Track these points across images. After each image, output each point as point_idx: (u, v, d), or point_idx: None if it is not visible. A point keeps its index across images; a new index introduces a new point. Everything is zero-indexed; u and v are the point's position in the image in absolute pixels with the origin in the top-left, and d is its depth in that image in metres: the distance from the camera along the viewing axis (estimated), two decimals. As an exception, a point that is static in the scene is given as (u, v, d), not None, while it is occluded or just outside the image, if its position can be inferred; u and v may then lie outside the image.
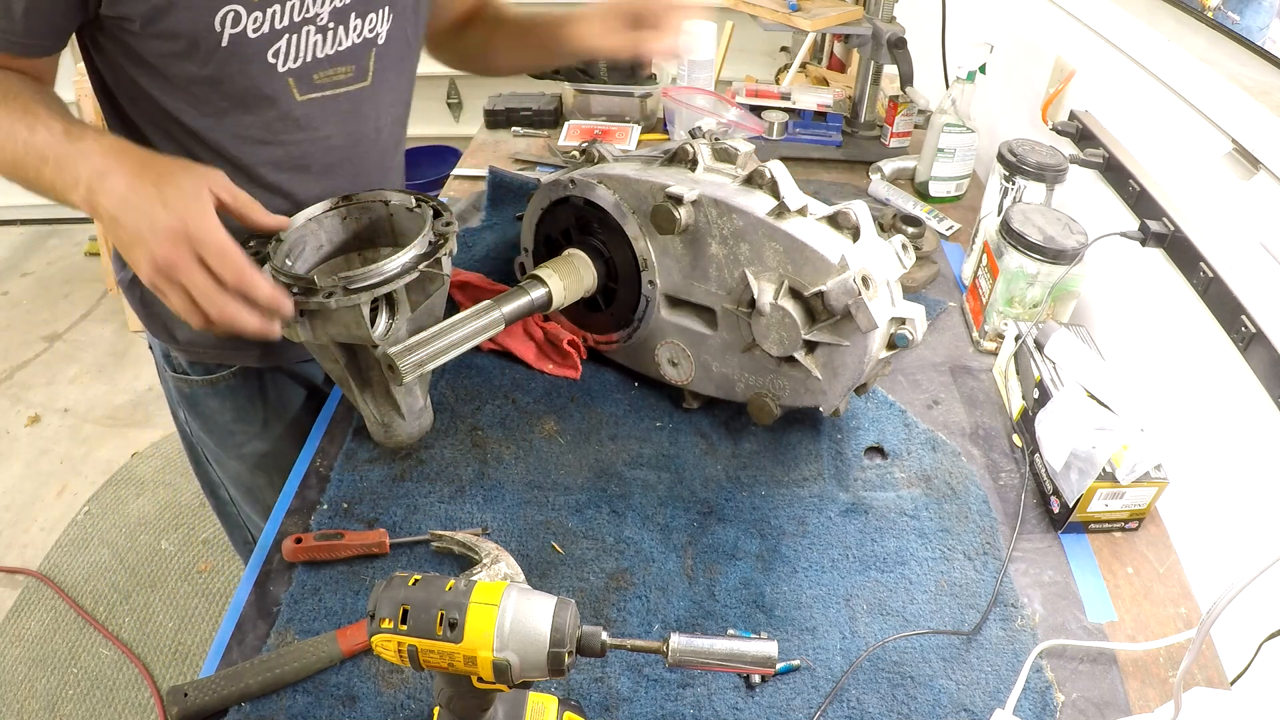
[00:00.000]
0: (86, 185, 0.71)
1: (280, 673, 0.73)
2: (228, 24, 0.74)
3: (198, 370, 1.05)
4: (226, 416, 1.09)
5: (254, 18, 0.75)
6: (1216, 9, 0.95)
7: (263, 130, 0.84)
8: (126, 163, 0.72)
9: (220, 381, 1.05)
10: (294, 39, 0.79)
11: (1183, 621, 0.81)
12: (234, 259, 0.70)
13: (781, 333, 0.86)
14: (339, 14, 0.82)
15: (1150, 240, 0.96)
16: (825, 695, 0.74)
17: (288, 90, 0.82)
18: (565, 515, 0.89)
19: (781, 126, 1.57)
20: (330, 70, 0.84)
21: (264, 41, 0.77)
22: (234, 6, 0.74)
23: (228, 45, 0.76)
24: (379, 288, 0.79)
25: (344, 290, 0.78)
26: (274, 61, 0.79)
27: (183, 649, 1.93)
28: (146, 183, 0.71)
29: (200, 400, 1.08)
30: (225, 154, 0.84)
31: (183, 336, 1.02)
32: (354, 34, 0.84)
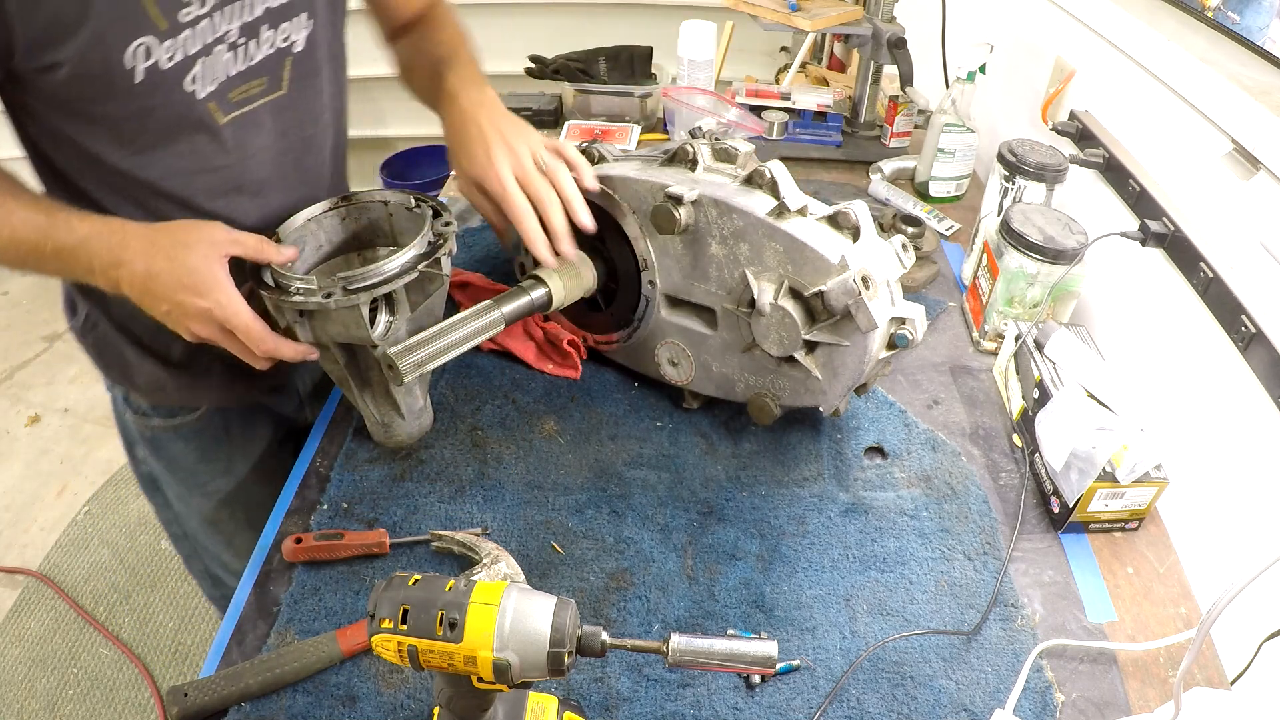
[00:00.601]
0: (103, 274, 0.76)
1: (280, 673, 0.73)
2: (139, 58, 0.71)
3: (160, 412, 1.02)
4: (190, 458, 1.06)
5: (165, 48, 0.72)
6: (1216, 9, 0.95)
7: (192, 159, 0.81)
8: (134, 245, 0.75)
9: (184, 426, 1.03)
10: (207, 61, 0.76)
11: (1183, 621, 0.81)
12: (257, 334, 0.78)
13: (781, 333, 0.86)
14: (249, 28, 0.79)
15: (1150, 240, 0.96)
16: (825, 695, 0.74)
17: (210, 115, 0.79)
18: (565, 515, 0.89)
19: (781, 126, 1.57)
20: (244, 86, 0.81)
21: (179, 70, 0.74)
22: (144, 40, 0.71)
23: (143, 80, 0.72)
24: (378, 288, 0.79)
25: (343, 290, 0.78)
26: (192, 89, 0.76)
27: (183, 649, 1.93)
28: (160, 263, 0.74)
29: (163, 443, 1.04)
30: (158, 189, 0.82)
31: (144, 381, 0.99)
32: (266, 45, 0.81)
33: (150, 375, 0.97)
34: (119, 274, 0.75)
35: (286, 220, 0.88)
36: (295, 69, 0.86)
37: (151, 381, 0.98)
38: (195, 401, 1.02)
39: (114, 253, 0.75)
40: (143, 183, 0.81)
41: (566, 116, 1.65)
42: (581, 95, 1.62)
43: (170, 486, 1.09)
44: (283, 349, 0.80)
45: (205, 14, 0.74)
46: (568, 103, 1.66)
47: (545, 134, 1.62)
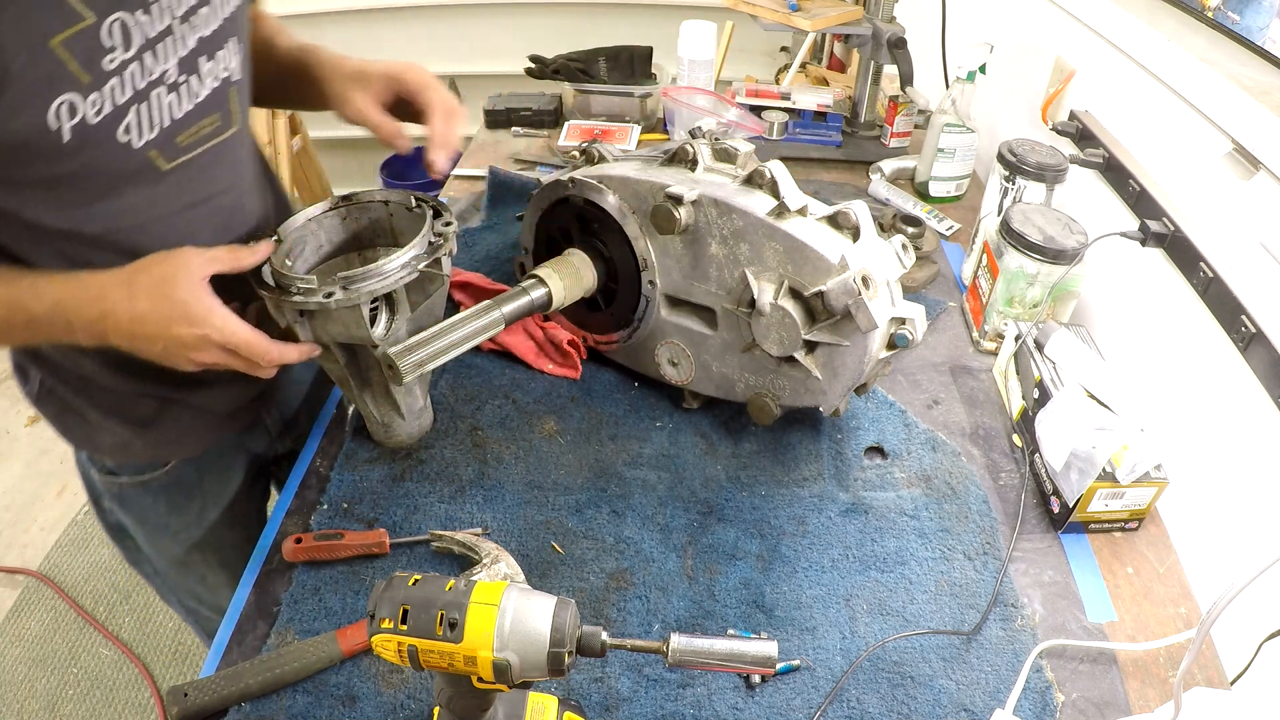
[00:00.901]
0: (86, 332, 0.73)
1: (280, 673, 0.73)
2: (64, 117, 0.65)
3: (128, 470, 0.97)
4: (161, 510, 1.01)
5: (92, 101, 0.66)
6: (1216, 9, 0.95)
7: (138, 212, 0.76)
8: (113, 294, 0.72)
9: (154, 481, 0.97)
10: (143, 108, 0.70)
11: (1183, 621, 0.81)
12: (260, 348, 0.76)
13: (781, 333, 0.86)
14: (187, 63, 0.72)
15: (1150, 240, 0.96)
16: (825, 695, 0.74)
17: (151, 164, 0.73)
18: (565, 515, 0.89)
19: (781, 126, 1.57)
20: (194, 127, 0.76)
21: (110, 122, 0.68)
22: (66, 97, 0.64)
23: (71, 139, 0.66)
24: (379, 287, 0.79)
25: (344, 290, 0.78)
26: (127, 139, 0.70)
27: (183, 649, 1.93)
28: (144, 304, 0.72)
29: (132, 499, 1.00)
30: (106, 245, 0.75)
31: (109, 443, 0.93)
32: (210, 79, 0.75)
33: (116, 437, 0.92)
34: (104, 327, 0.72)
35: (285, 221, 0.87)
36: (240, 98, 0.81)
37: (118, 443, 0.93)
38: (165, 456, 0.97)
39: (94, 307, 0.72)
40: (89, 240, 0.75)
41: (566, 116, 1.65)
42: (581, 95, 1.62)
43: (139, 534, 1.04)
44: (287, 354, 0.79)
45: (132, 58, 0.68)
46: (568, 103, 1.66)
47: (546, 134, 1.64)
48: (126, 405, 0.90)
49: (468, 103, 1.06)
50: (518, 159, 1.55)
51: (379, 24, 2.91)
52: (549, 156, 1.55)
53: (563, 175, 0.98)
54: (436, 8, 2.88)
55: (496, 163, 1.50)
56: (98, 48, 0.65)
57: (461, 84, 3.19)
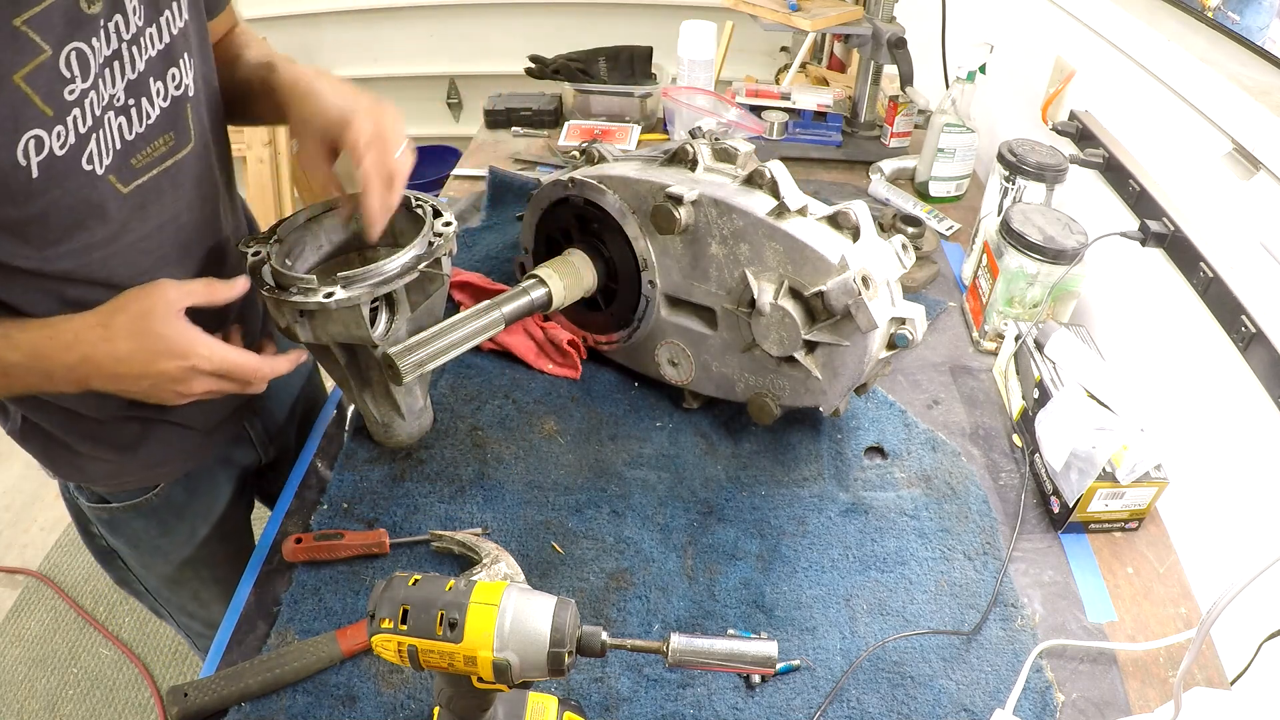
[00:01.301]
0: (66, 379, 0.72)
1: (280, 673, 0.73)
2: (32, 153, 0.64)
3: (119, 496, 0.95)
4: (152, 532, 1.00)
5: (57, 134, 0.65)
6: (1216, 9, 0.95)
7: (105, 241, 0.74)
8: (89, 337, 0.70)
9: (144, 504, 0.96)
10: (101, 133, 0.69)
11: (1183, 621, 0.81)
12: (250, 367, 0.76)
13: (781, 333, 0.86)
14: (135, 86, 0.71)
15: (1150, 240, 0.96)
16: (825, 695, 0.74)
17: (112, 189, 0.72)
18: (565, 515, 0.89)
19: (781, 126, 1.57)
20: (148, 148, 0.74)
21: (74, 153, 0.67)
22: (33, 133, 0.64)
23: (40, 175, 0.65)
24: (378, 287, 0.79)
25: (343, 290, 0.78)
26: (90, 167, 0.69)
27: (183, 649, 1.93)
28: (124, 345, 0.71)
29: (123, 523, 0.98)
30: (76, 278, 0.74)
31: (99, 473, 0.92)
32: (160, 99, 0.74)
33: (104, 465, 0.91)
34: (85, 372, 0.71)
35: (285, 221, 0.87)
36: (198, 113, 0.79)
37: (106, 470, 0.92)
38: (154, 479, 0.95)
39: (71, 352, 0.70)
40: (58, 275, 0.73)
41: (566, 116, 1.65)
42: (581, 95, 1.62)
43: (130, 557, 1.03)
44: (278, 365, 0.79)
45: (90, 86, 0.67)
46: (568, 103, 1.66)
47: (546, 134, 1.64)
48: (111, 432, 0.88)
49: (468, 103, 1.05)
50: (518, 159, 1.55)
51: (379, 24, 2.91)
52: (549, 156, 1.55)
53: (563, 175, 0.98)
54: (436, 8, 2.88)
55: (496, 163, 1.50)
56: (58, 79, 0.65)
57: (461, 84, 3.20)
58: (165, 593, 1.09)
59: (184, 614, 1.12)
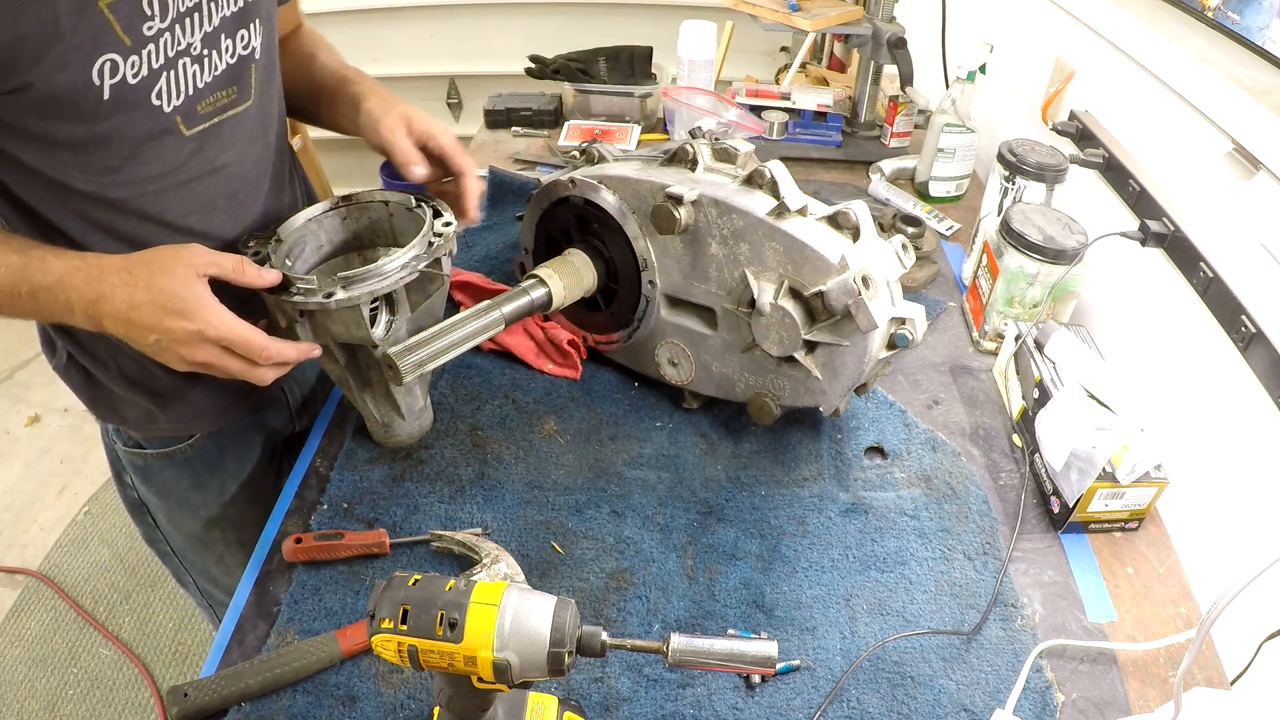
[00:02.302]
0: (84, 313, 0.73)
1: (280, 673, 0.73)
2: (106, 75, 0.69)
3: (154, 444, 0.99)
4: (184, 484, 1.03)
5: (131, 63, 0.70)
6: (1216, 9, 0.95)
7: (161, 176, 0.79)
8: (112, 279, 0.72)
9: (178, 454, 1.00)
10: (172, 74, 0.74)
11: (1183, 621, 0.81)
12: (257, 344, 0.76)
13: (781, 333, 0.86)
14: (210, 39, 0.77)
15: (1150, 240, 0.96)
16: (825, 695, 0.74)
17: (176, 128, 0.77)
18: (565, 515, 0.89)
19: (781, 126, 1.57)
20: (212, 97, 0.79)
21: (145, 85, 0.72)
22: (110, 56, 0.68)
23: (110, 97, 0.70)
24: (379, 288, 0.79)
25: (344, 290, 0.78)
26: (158, 103, 0.74)
27: (183, 649, 1.93)
28: (141, 293, 0.72)
29: (156, 472, 1.02)
30: (129, 209, 0.79)
31: (134, 415, 0.96)
32: (228, 54, 0.79)
33: (140, 410, 0.94)
34: (100, 310, 0.73)
35: (285, 221, 0.88)
36: (259, 76, 0.84)
37: (142, 415, 0.95)
38: (189, 430, 0.99)
39: (92, 287, 0.72)
40: (113, 204, 0.78)
41: (566, 116, 1.65)
42: (581, 95, 1.62)
43: (159, 511, 1.07)
44: (285, 351, 0.78)
45: (166, 27, 0.72)
46: (568, 103, 1.66)
47: (546, 134, 1.64)
48: (148, 377, 0.91)
49: (468, 103, 1.06)
50: (518, 159, 1.55)
51: (379, 24, 2.91)
52: (549, 156, 1.55)
53: (563, 175, 0.98)
54: (436, 8, 2.88)
55: (496, 163, 1.50)
56: (139, 14, 0.69)
57: (461, 84, 3.20)
58: (191, 555, 1.12)
59: (207, 579, 1.14)
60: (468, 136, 1.73)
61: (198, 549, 1.10)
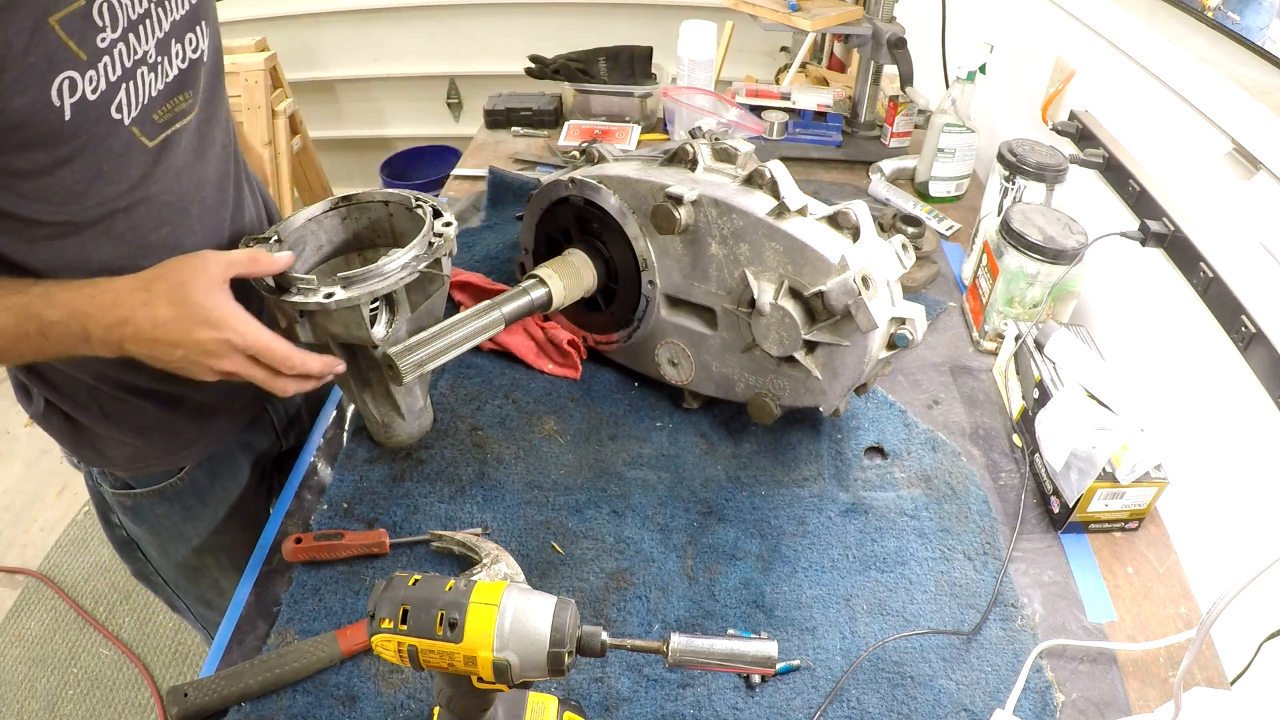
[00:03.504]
0: (103, 341, 0.72)
1: (280, 673, 0.73)
2: (65, 93, 0.67)
3: (142, 481, 0.97)
4: (175, 518, 1.01)
5: (89, 78, 0.68)
6: (1216, 9, 0.95)
7: (130, 191, 0.76)
8: (130, 300, 0.71)
9: (168, 489, 0.98)
10: (131, 85, 0.72)
11: (1183, 621, 0.81)
12: (281, 353, 0.76)
13: (781, 333, 0.86)
14: (163, 45, 0.75)
15: (1150, 240, 0.96)
16: (825, 695, 0.74)
17: (137, 141, 0.75)
18: (565, 515, 0.89)
19: (781, 126, 1.57)
20: (168, 104, 0.77)
21: (105, 99, 0.70)
22: (68, 73, 0.67)
23: (71, 117, 0.68)
24: (379, 288, 0.79)
25: (344, 290, 0.78)
26: (118, 117, 0.72)
27: (183, 649, 1.93)
28: (164, 310, 0.71)
29: (146, 509, 1.00)
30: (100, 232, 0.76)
31: (118, 456, 0.94)
32: (179, 60, 0.78)
33: (127, 449, 0.92)
34: (122, 334, 0.71)
35: (285, 221, 0.88)
36: (208, 79, 0.82)
37: (129, 454, 0.93)
38: (178, 463, 0.97)
39: (111, 312, 0.71)
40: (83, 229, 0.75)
41: (566, 116, 1.65)
42: (581, 95, 1.62)
43: (150, 546, 1.05)
44: (309, 363, 0.78)
45: (119, 37, 0.70)
46: (568, 103, 1.66)
47: (546, 134, 1.64)
48: (132, 412, 0.89)
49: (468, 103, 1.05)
50: (518, 159, 1.55)
51: (379, 24, 2.91)
52: (549, 156, 1.55)
53: (563, 175, 0.98)
54: (436, 8, 2.89)
55: (496, 163, 1.50)
56: (91, 26, 0.68)
57: (461, 84, 3.20)
58: (184, 583, 1.10)
59: (202, 604, 1.13)
60: (468, 136, 1.73)
61: (190, 577, 1.09)
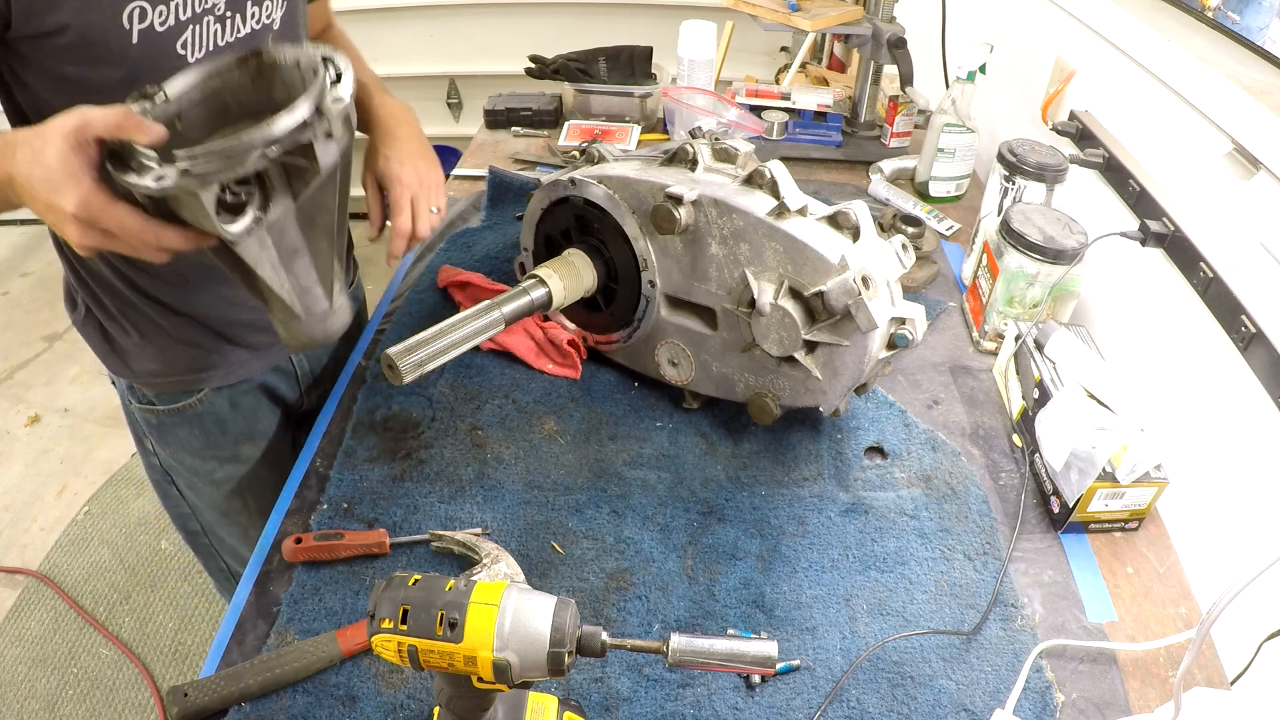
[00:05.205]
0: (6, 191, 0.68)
1: (280, 673, 0.73)
2: (135, 20, 0.74)
3: (164, 399, 1.03)
4: (197, 443, 1.07)
5: (159, 11, 0.75)
6: (1216, 9, 0.95)
7: None
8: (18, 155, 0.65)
9: (188, 409, 1.03)
10: (197, 29, 0.79)
11: (1183, 621, 0.81)
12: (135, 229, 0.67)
13: (781, 333, 0.86)
14: (235, 2, 0.81)
15: (1150, 240, 0.96)
16: (825, 695, 0.74)
17: None
18: (565, 515, 0.89)
19: (781, 126, 1.57)
20: None
21: (172, 34, 0.77)
22: (139, 3, 0.73)
23: (138, 42, 0.74)
24: (226, 171, 0.64)
25: (182, 173, 0.63)
26: (183, 53, 0.78)
27: (183, 649, 1.93)
28: (25, 165, 0.65)
29: (169, 429, 1.06)
30: None
31: (142, 369, 1.00)
32: (251, 20, 0.84)
33: (149, 361, 0.99)
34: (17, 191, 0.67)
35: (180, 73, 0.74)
36: None
37: (151, 368, 0.99)
38: (196, 384, 1.02)
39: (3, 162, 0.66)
40: None
41: (566, 116, 1.65)
42: (581, 95, 1.62)
43: (180, 476, 1.10)
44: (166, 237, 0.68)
45: None
46: (568, 103, 1.66)
47: (546, 134, 1.64)
48: (151, 324, 0.96)
49: (468, 103, 1.05)
50: (518, 159, 1.55)
51: (379, 24, 2.91)
52: (549, 156, 1.55)
53: (563, 175, 0.98)
54: (436, 8, 2.88)
55: (496, 163, 1.50)
56: None
57: (461, 84, 3.20)
58: (219, 530, 1.16)
59: (235, 558, 1.18)
60: (468, 136, 1.73)
61: (223, 524, 1.14)
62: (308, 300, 0.78)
